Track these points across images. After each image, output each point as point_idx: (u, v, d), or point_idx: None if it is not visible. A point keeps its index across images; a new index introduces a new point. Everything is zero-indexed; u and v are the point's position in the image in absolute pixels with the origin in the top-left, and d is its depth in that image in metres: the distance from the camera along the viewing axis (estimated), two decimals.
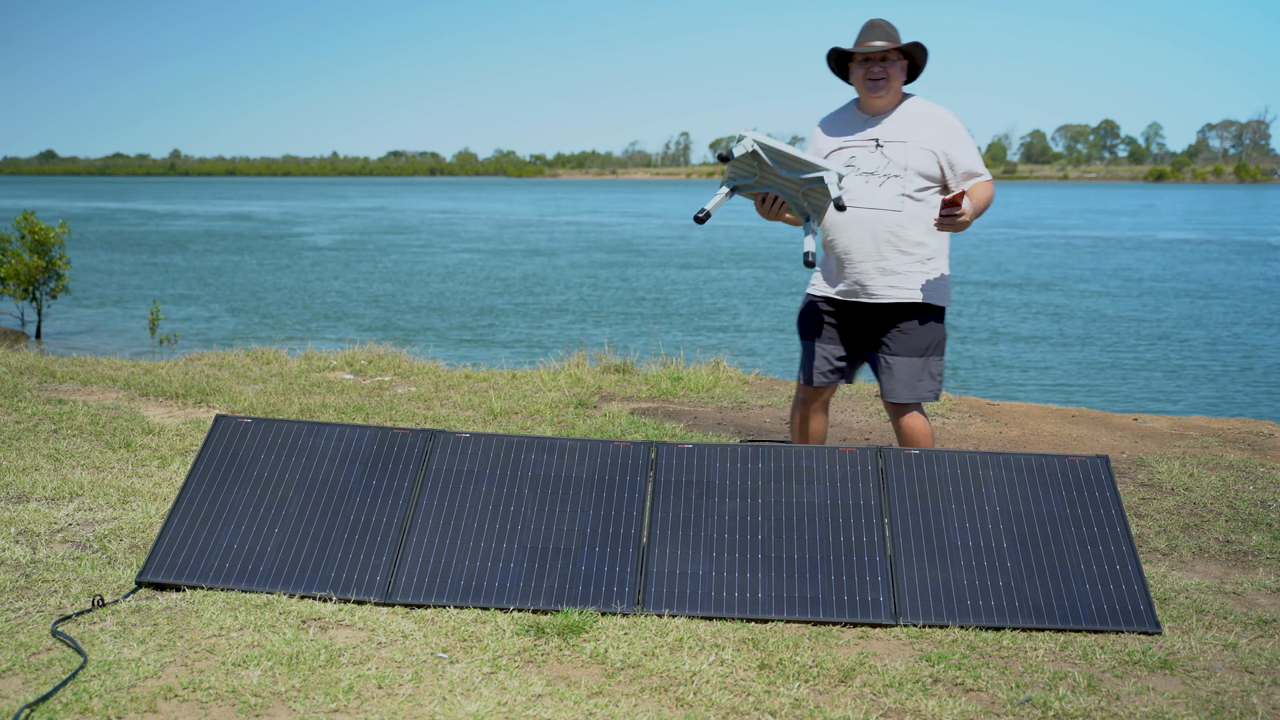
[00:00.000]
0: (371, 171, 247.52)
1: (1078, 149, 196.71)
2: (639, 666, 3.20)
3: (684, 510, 3.89)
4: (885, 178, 4.38)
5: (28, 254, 18.32)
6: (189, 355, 8.97)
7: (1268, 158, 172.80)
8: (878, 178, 4.39)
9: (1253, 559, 4.33)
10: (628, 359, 8.41)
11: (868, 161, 4.41)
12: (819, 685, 3.12)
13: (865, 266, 4.39)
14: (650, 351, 9.32)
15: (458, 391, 7.35)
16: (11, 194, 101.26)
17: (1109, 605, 3.59)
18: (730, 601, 3.61)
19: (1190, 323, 21.58)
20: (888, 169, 4.38)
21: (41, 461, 5.23)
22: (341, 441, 4.12)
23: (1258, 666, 3.29)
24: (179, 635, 3.32)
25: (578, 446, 4.12)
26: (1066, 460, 4.01)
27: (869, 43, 4.39)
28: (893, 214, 4.35)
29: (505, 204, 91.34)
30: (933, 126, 4.39)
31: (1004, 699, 3.06)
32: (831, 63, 4.52)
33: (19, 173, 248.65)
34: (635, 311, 22.83)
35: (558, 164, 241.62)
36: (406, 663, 3.20)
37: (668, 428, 6.35)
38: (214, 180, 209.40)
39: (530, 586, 3.66)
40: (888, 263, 4.37)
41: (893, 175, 4.37)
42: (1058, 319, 21.78)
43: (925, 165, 4.36)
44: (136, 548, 4.11)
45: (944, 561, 3.72)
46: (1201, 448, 6.10)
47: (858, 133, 4.46)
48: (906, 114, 4.42)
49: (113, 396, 6.87)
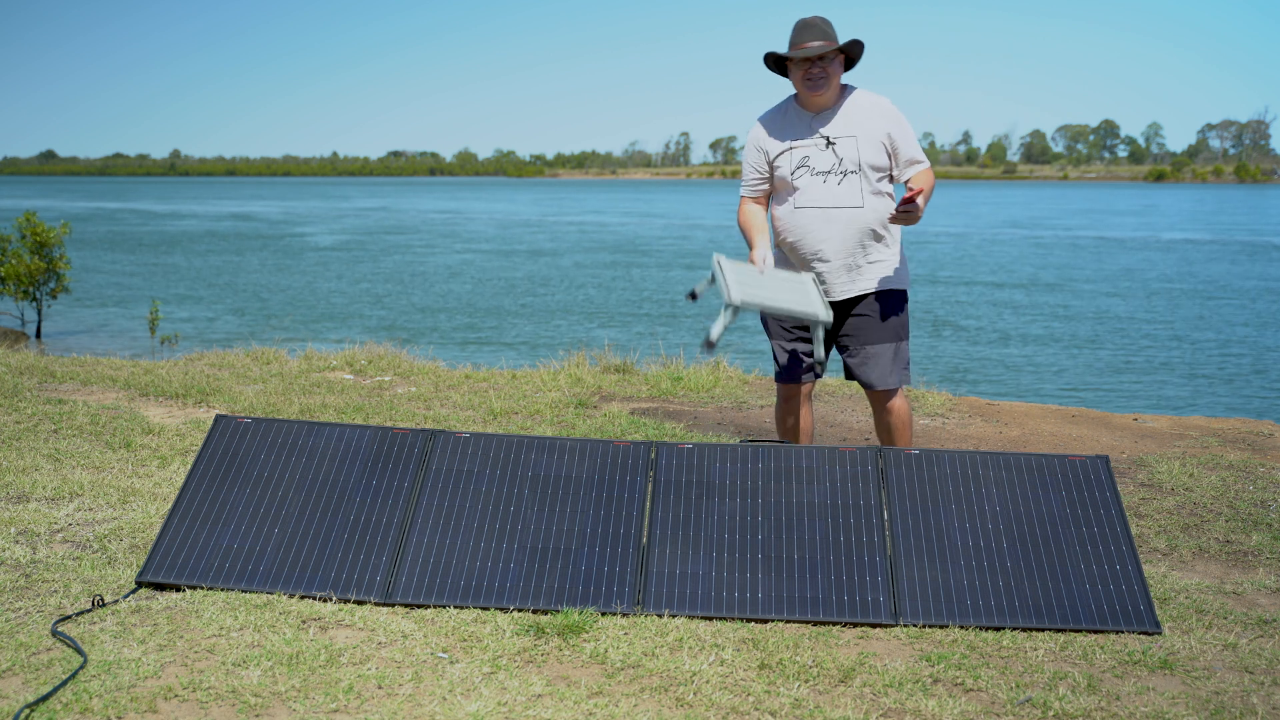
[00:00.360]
0: (371, 171, 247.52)
1: (1078, 149, 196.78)
2: (639, 666, 3.20)
3: (684, 510, 3.89)
4: (842, 175, 4.40)
5: (28, 254, 18.33)
6: (189, 355, 8.97)
7: (1268, 158, 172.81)
8: (834, 175, 4.41)
9: (1253, 559, 4.33)
10: (628, 359, 8.40)
11: (821, 160, 4.42)
12: (819, 685, 3.12)
13: (835, 264, 4.44)
14: (650, 351, 9.32)
15: (458, 391, 7.35)
16: (12, 194, 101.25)
17: (1109, 605, 3.59)
18: (730, 601, 3.61)
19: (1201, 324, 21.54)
20: (842, 166, 4.40)
21: (41, 461, 5.23)
22: (341, 441, 4.12)
23: (1258, 666, 3.29)
24: (179, 635, 3.32)
25: (578, 446, 4.12)
26: (1066, 460, 4.01)
27: (806, 44, 4.38)
28: (857, 210, 4.40)
29: (508, 204, 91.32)
30: (877, 118, 4.43)
31: (1004, 699, 3.06)
32: (770, 63, 4.52)
33: (19, 173, 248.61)
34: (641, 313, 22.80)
35: (558, 164, 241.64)
36: (406, 663, 3.20)
37: (668, 428, 6.35)
38: (214, 180, 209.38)
39: (530, 586, 3.66)
40: (854, 258, 4.44)
41: (849, 171, 4.39)
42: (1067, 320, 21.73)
43: (877, 158, 4.41)
44: (136, 548, 4.11)
45: (944, 561, 3.72)
46: (1201, 448, 6.10)
47: (806, 132, 4.46)
48: (852, 108, 4.46)
49: (113, 396, 6.87)
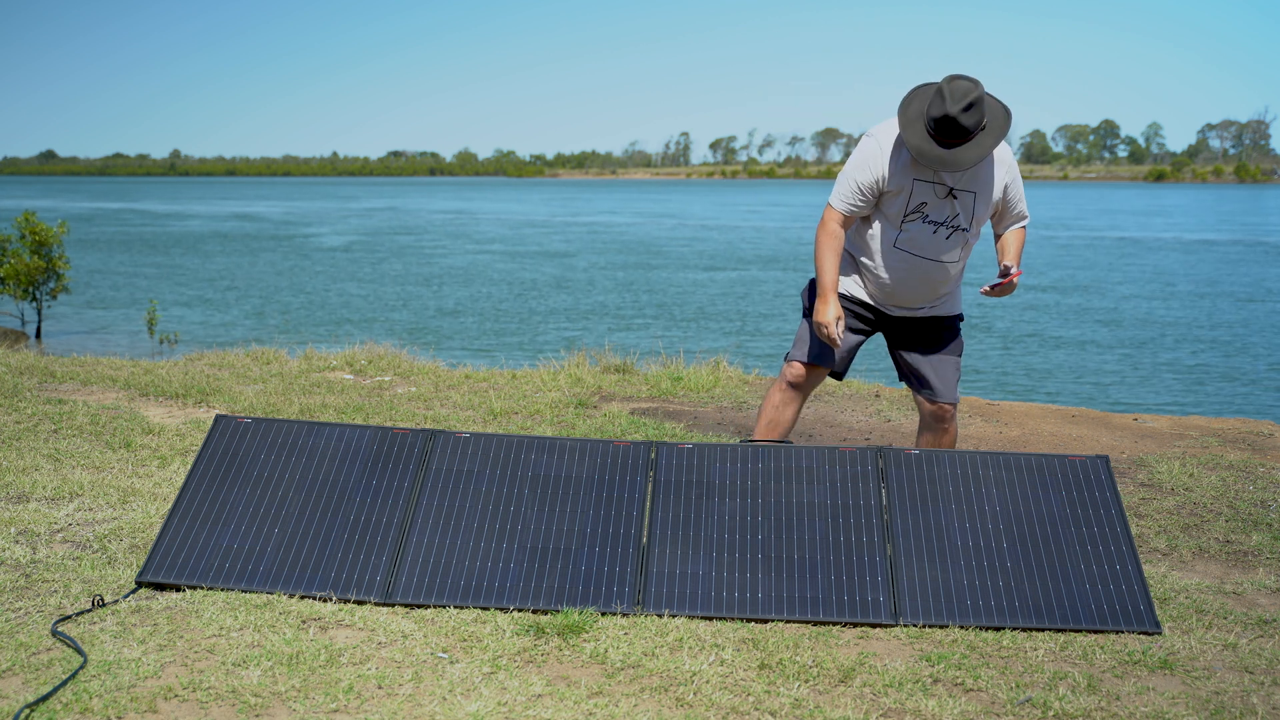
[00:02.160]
0: (371, 171, 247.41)
1: (1078, 149, 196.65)
2: (639, 666, 3.20)
3: (684, 510, 3.89)
4: (952, 230, 4.25)
5: (28, 254, 18.34)
6: (189, 355, 8.97)
7: (1268, 158, 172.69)
8: (945, 229, 4.25)
9: (1253, 559, 4.33)
10: (628, 359, 8.41)
11: (938, 210, 4.22)
12: (819, 685, 3.12)
13: (910, 301, 4.40)
14: (652, 351, 9.32)
15: (458, 391, 7.35)
16: (12, 194, 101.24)
17: (1109, 605, 3.59)
18: (730, 601, 3.61)
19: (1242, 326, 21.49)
20: (956, 221, 4.24)
21: (41, 461, 5.23)
22: (341, 441, 4.12)
23: (1258, 666, 3.29)
24: (179, 635, 3.32)
25: (578, 446, 4.12)
26: (1066, 460, 4.01)
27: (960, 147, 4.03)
28: (953, 265, 4.33)
29: (517, 204, 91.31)
30: (999, 171, 4.27)
31: (1004, 699, 3.06)
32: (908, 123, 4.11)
33: (19, 173, 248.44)
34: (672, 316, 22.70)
35: (558, 164, 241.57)
36: (406, 663, 3.20)
37: (668, 428, 6.35)
38: (215, 180, 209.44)
39: (530, 586, 3.66)
40: (929, 300, 4.41)
41: (959, 229, 4.25)
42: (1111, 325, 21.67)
43: (989, 213, 4.31)
44: (136, 548, 4.11)
45: (944, 561, 3.72)
46: (1201, 448, 6.10)
47: (928, 174, 4.19)
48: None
49: (113, 396, 6.87)
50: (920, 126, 4.09)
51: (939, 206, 4.22)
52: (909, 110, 4.13)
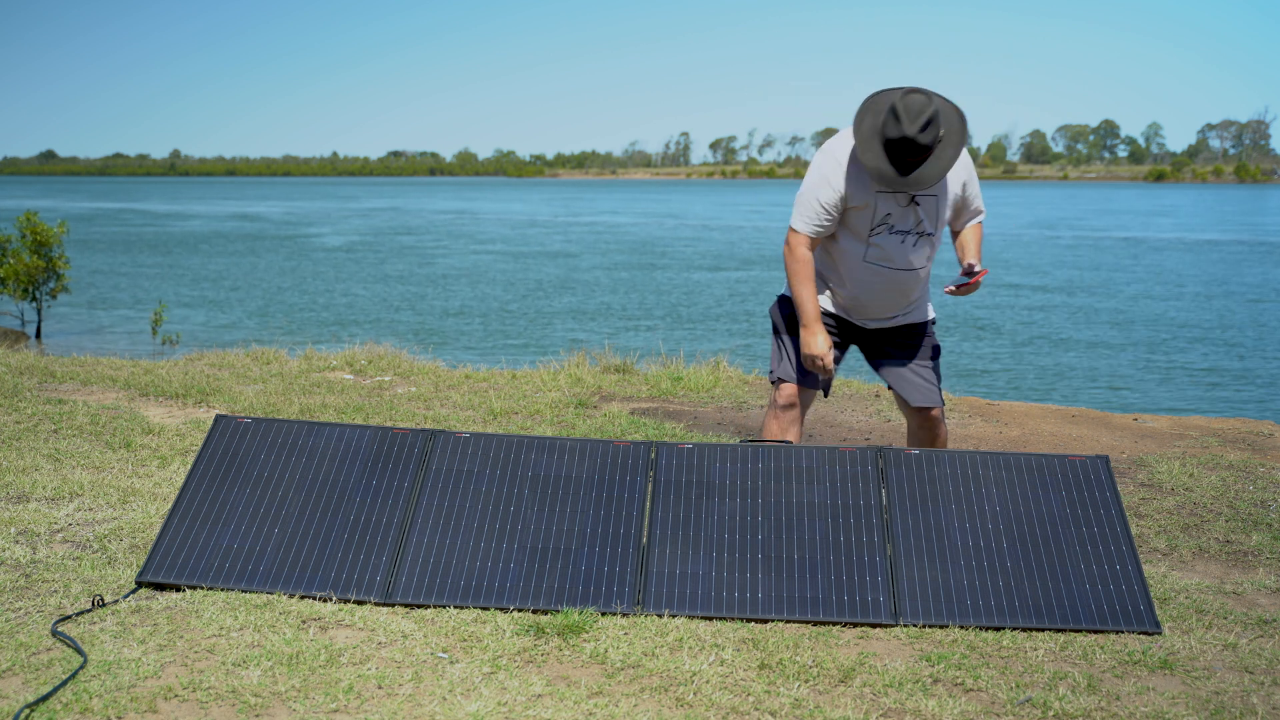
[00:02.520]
0: (371, 171, 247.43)
1: (1078, 149, 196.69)
2: (639, 666, 3.20)
3: (684, 510, 3.89)
4: (918, 236, 4.22)
5: (28, 254, 18.35)
6: (189, 355, 8.97)
7: (1268, 158, 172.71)
8: (912, 235, 4.21)
9: (1253, 559, 4.33)
10: (628, 359, 8.41)
11: (902, 219, 4.18)
12: (819, 685, 3.12)
13: (882, 312, 4.38)
14: (652, 351, 9.32)
15: (458, 391, 7.35)
16: (12, 194, 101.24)
17: (1109, 605, 3.59)
18: (730, 601, 3.61)
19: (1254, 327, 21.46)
20: (921, 227, 4.21)
21: (41, 461, 5.23)
22: (341, 441, 4.12)
23: (1258, 666, 3.29)
24: (179, 635, 3.32)
25: (578, 446, 4.12)
26: (1066, 460, 4.01)
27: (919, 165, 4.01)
28: (921, 271, 4.31)
29: (519, 204, 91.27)
30: (958, 170, 4.26)
31: (1004, 699, 3.06)
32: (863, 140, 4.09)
33: (19, 173, 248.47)
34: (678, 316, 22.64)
35: (558, 164, 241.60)
36: (406, 663, 3.20)
37: (668, 428, 6.35)
38: (216, 180, 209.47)
39: (530, 586, 3.66)
40: (899, 308, 4.39)
41: (925, 234, 4.23)
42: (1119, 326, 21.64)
43: (948, 213, 4.30)
44: (136, 548, 4.11)
45: (944, 561, 3.72)
46: (1201, 448, 6.10)
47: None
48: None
49: (113, 396, 6.87)
50: (877, 146, 4.04)
51: (903, 215, 4.19)
52: (863, 127, 4.06)
